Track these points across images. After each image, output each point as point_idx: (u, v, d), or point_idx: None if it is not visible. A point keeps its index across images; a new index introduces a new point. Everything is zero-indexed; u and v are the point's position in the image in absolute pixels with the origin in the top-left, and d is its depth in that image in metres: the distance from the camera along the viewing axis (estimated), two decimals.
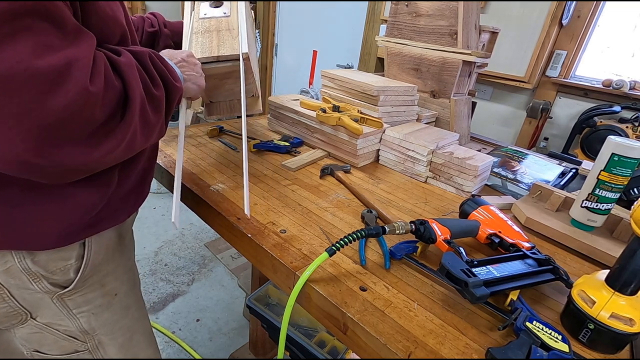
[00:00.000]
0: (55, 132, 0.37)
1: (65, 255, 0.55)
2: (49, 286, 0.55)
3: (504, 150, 1.18)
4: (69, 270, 0.56)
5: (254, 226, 0.66)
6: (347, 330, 0.50)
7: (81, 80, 0.37)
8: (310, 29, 2.94)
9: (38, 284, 0.54)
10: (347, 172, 0.93)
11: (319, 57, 2.92)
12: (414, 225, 0.61)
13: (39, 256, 0.52)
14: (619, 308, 0.47)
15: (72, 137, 0.39)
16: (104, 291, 0.63)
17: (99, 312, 0.63)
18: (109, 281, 0.63)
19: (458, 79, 1.15)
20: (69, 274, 0.56)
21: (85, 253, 0.57)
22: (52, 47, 0.36)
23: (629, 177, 0.67)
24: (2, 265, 0.50)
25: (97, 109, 0.40)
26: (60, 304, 0.58)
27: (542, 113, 2.01)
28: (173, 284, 1.90)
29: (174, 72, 0.55)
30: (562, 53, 1.94)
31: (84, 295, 0.60)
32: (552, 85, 2.01)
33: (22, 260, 0.51)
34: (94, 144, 0.41)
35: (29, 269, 0.52)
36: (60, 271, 0.55)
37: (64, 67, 0.36)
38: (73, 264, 0.56)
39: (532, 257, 0.58)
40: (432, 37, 1.17)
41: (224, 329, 1.68)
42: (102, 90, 0.40)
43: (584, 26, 1.87)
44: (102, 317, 0.64)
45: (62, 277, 0.56)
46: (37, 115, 0.35)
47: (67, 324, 0.60)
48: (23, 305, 0.55)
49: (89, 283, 0.60)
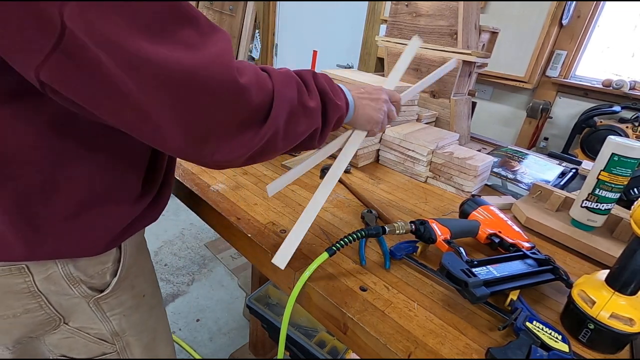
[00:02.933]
0: (205, 127, 0.40)
1: (104, 259, 0.55)
2: (87, 290, 0.55)
3: (504, 150, 1.18)
4: (106, 273, 0.56)
5: (254, 226, 0.66)
6: (347, 330, 0.50)
7: (227, 75, 0.39)
8: (310, 29, 2.94)
9: (77, 288, 0.53)
10: (347, 172, 0.93)
11: (319, 57, 2.92)
12: (414, 225, 0.61)
13: (80, 261, 0.52)
14: (619, 308, 0.47)
15: (220, 131, 0.41)
16: (134, 292, 0.63)
17: (129, 313, 0.63)
18: (139, 282, 0.64)
19: (458, 79, 1.15)
20: (105, 277, 0.56)
21: (121, 255, 0.57)
22: (194, 46, 0.37)
23: (629, 177, 0.67)
24: (43, 273, 0.50)
25: (246, 100, 0.41)
26: (95, 308, 0.58)
27: (542, 113, 2.01)
28: (173, 284, 1.90)
29: (337, 90, 0.56)
30: (562, 53, 1.94)
31: (117, 297, 0.60)
32: (552, 85, 2.01)
33: (65, 266, 0.51)
34: (238, 138, 0.43)
35: (70, 274, 0.52)
36: (98, 275, 0.55)
37: (209, 64, 0.37)
38: (110, 267, 0.56)
39: (532, 257, 0.58)
40: (432, 37, 1.17)
41: (224, 329, 1.68)
42: (253, 85, 0.41)
43: (584, 26, 1.87)
44: (132, 318, 0.64)
45: (99, 280, 0.56)
46: (190, 113, 0.38)
47: (100, 327, 0.60)
48: (59, 311, 0.54)
49: (123, 285, 0.60)
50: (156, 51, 0.34)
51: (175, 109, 0.37)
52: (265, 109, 0.44)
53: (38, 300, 0.51)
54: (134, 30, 0.33)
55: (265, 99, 0.44)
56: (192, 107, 0.38)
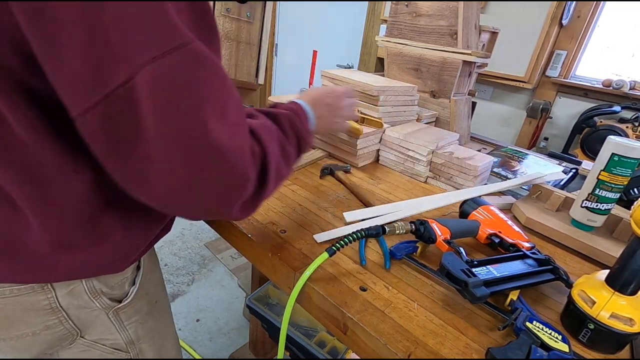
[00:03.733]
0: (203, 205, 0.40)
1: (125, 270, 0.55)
2: (107, 302, 0.54)
3: (504, 150, 1.18)
4: (125, 283, 0.56)
5: (254, 226, 0.66)
6: (347, 330, 0.50)
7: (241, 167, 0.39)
8: (310, 29, 2.94)
9: (99, 301, 0.53)
10: (347, 172, 0.93)
11: (319, 57, 2.92)
12: (414, 225, 0.61)
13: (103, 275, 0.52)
14: (619, 308, 0.47)
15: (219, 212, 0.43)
16: (148, 299, 0.62)
17: (144, 320, 0.63)
18: (151, 289, 0.63)
19: (458, 79, 1.15)
20: (124, 287, 0.56)
21: (141, 265, 0.58)
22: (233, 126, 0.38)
23: (629, 177, 0.67)
24: (66, 288, 0.49)
25: (246, 191, 0.41)
26: (114, 318, 0.57)
27: (542, 113, 2.01)
28: (173, 284, 1.90)
29: (305, 124, 0.57)
30: (562, 53, 1.94)
31: (134, 306, 0.59)
32: (552, 85, 2.01)
33: (88, 280, 0.50)
34: (236, 210, 0.43)
35: (93, 287, 0.51)
36: (118, 285, 0.55)
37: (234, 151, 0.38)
38: (129, 277, 0.56)
39: (532, 257, 0.58)
40: (432, 37, 1.17)
41: (224, 329, 1.68)
42: (255, 173, 0.41)
43: (584, 26, 1.87)
44: (146, 325, 0.64)
45: (119, 291, 0.55)
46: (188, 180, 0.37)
47: (116, 337, 0.60)
48: (77, 324, 0.54)
49: (139, 294, 0.59)
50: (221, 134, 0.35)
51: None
52: (260, 181, 0.44)
53: (58, 315, 0.50)
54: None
55: (259, 172, 0.43)
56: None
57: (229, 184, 0.39)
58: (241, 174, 0.39)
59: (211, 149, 0.35)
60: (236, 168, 0.38)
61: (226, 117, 0.37)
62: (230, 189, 0.39)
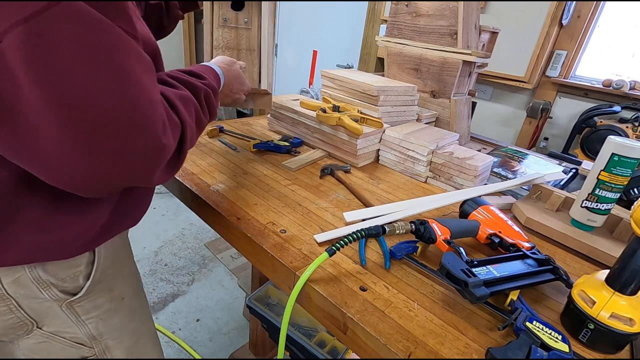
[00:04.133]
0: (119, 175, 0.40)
1: (76, 262, 0.54)
2: (59, 294, 0.54)
3: (504, 150, 1.18)
4: (79, 276, 0.55)
5: (254, 226, 0.66)
6: (347, 330, 0.50)
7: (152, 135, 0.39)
8: (310, 29, 2.94)
9: (48, 292, 0.53)
10: (347, 172, 0.93)
11: (319, 57, 2.92)
12: (414, 225, 0.61)
13: (50, 264, 0.51)
14: (619, 308, 0.47)
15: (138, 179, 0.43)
16: (111, 295, 0.62)
17: (107, 317, 0.62)
18: (116, 285, 0.63)
19: (458, 79, 1.15)
20: (78, 281, 0.55)
21: (95, 259, 0.57)
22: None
23: (629, 177, 0.67)
24: (10, 276, 0.49)
25: (165, 157, 0.42)
26: (69, 312, 0.57)
27: (542, 113, 2.01)
28: (173, 284, 1.90)
29: (215, 107, 0.60)
30: (562, 53, 1.94)
31: (92, 300, 0.59)
32: (552, 85, 2.01)
33: (32, 270, 0.50)
34: (155, 179, 0.44)
35: (39, 277, 0.51)
36: (70, 278, 0.54)
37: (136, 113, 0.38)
38: (83, 270, 0.55)
39: (532, 257, 0.58)
40: (432, 37, 1.17)
41: (224, 329, 1.68)
42: (171, 139, 0.42)
43: (584, 26, 1.87)
44: (110, 322, 0.63)
45: (72, 284, 0.55)
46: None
47: (75, 331, 0.59)
48: (30, 315, 0.54)
49: (98, 288, 0.59)
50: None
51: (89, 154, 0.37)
52: (178, 151, 0.46)
53: (7, 303, 0.50)
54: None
55: (177, 139, 0.45)
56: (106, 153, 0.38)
57: (132, 154, 0.38)
58: (153, 143, 0.39)
59: (107, 116, 0.35)
60: (142, 137, 0.38)
61: (124, 80, 0.36)
62: (137, 159, 0.39)
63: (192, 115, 0.49)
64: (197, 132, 0.53)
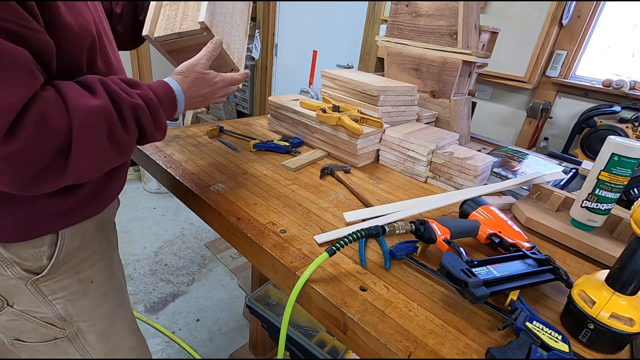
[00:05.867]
0: None
1: (37, 243, 0.56)
2: (22, 272, 0.56)
3: (504, 150, 1.18)
4: (42, 256, 0.58)
5: (254, 226, 0.66)
6: (347, 330, 0.50)
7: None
8: (310, 29, 2.94)
9: (11, 269, 0.55)
10: (347, 172, 0.93)
11: (319, 57, 2.92)
12: (414, 225, 0.61)
13: (12, 244, 0.54)
14: (619, 308, 0.47)
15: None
16: (78, 278, 0.64)
17: (75, 298, 0.64)
18: (84, 268, 0.65)
19: (458, 79, 1.15)
20: (42, 261, 0.58)
21: (58, 241, 0.58)
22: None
23: (629, 177, 0.67)
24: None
25: (26, 165, 0.41)
26: (34, 290, 0.59)
27: (542, 113, 2.01)
28: (173, 284, 1.90)
29: (160, 123, 0.56)
30: (562, 53, 1.94)
31: (58, 281, 0.61)
32: (552, 85, 2.01)
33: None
34: (33, 187, 0.44)
35: (1, 255, 0.54)
36: (32, 258, 0.57)
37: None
38: (46, 250, 0.58)
39: (532, 257, 0.58)
40: (432, 37, 1.17)
41: (224, 329, 1.68)
42: (29, 144, 0.40)
43: (584, 26, 1.87)
44: (78, 303, 0.65)
45: (34, 263, 0.57)
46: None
47: (44, 310, 0.61)
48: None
49: (63, 270, 0.61)
50: None
51: None
52: (59, 155, 0.44)
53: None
54: None
55: (53, 148, 0.43)
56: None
57: None
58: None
59: None
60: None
61: None
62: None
63: (97, 128, 0.46)
64: (112, 148, 0.49)
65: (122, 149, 0.52)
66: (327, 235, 0.64)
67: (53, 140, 0.43)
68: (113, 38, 0.64)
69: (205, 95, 0.66)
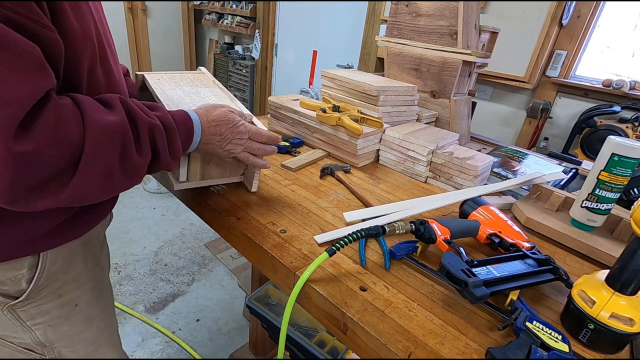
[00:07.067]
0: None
1: (16, 265, 0.52)
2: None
3: (504, 150, 1.18)
4: (21, 280, 0.53)
5: (254, 226, 0.66)
6: (347, 330, 0.50)
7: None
8: (310, 29, 2.94)
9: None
10: (347, 172, 0.93)
11: (319, 57, 2.92)
12: (414, 225, 0.61)
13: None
14: (619, 308, 0.47)
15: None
16: (61, 301, 0.59)
17: (57, 323, 0.59)
18: (68, 291, 0.60)
19: (458, 79, 1.15)
20: (20, 284, 0.53)
21: (39, 263, 0.54)
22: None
23: (629, 177, 0.67)
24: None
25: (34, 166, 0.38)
26: (11, 316, 0.55)
27: (542, 113, 2.01)
28: (173, 284, 1.90)
29: (175, 150, 0.53)
30: (562, 53, 1.94)
31: (38, 306, 0.56)
32: (552, 85, 2.01)
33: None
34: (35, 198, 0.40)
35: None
36: (10, 281, 0.52)
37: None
38: (25, 273, 0.53)
39: (532, 257, 0.58)
40: (432, 37, 1.17)
41: (224, 329, 1.68)
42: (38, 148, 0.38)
43: (584, 26, 1.87)
44: (60, 329, 0.60)
45: (12, 287, 0.53)
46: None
47: (22, 336, 0.57)
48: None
49: (44, 293, 0.56)
50: None
51: None
52: (66, 168, 0.42)
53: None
54: None
55: (63, 159, 0.41)
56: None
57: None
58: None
59: None
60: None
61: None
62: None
63: (110, 145, 0.44)
64: (121, 169, 0.46)
65: (131, 171, 0.48)
66: (327, 235, 0.64)
67: (64, 150, 0.40)
68: (114, 44, 0.60)
69: (224, 135, 0.60)
